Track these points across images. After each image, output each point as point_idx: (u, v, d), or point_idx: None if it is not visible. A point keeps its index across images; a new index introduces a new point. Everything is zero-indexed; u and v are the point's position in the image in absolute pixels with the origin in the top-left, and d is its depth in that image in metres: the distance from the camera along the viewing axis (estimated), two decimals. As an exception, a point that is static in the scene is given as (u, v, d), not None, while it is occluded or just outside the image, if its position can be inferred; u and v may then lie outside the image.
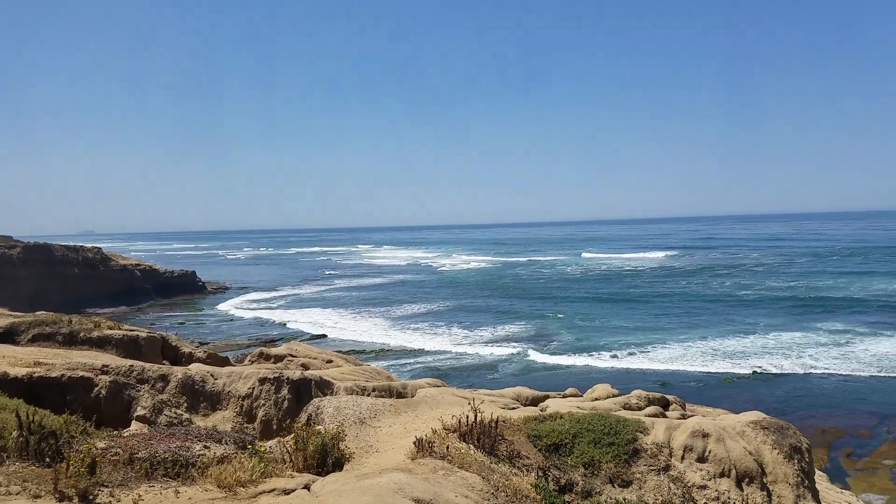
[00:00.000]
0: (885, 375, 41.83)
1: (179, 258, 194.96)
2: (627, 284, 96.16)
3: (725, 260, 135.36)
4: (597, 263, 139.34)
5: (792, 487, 10.63)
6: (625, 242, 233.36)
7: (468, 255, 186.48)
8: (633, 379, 42.62)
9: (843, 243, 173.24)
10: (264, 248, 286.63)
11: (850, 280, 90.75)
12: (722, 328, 58.67)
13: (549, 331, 60.72)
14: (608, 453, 10.71)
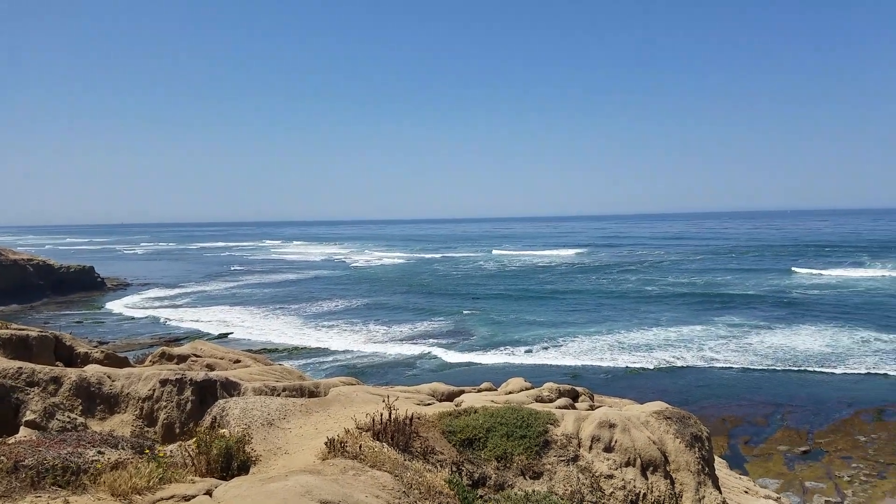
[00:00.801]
0: (779, 366, 44.82)
1: (73, 253, 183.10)
2: (540, 280, 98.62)
3: (631, 257, 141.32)
4: (511, 260, 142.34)
5: (693, 475, 11.15)
6: (537, 240, 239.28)
7: (383, 251, 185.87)
8: (546, 372, 43.72)
9: (740, 241, 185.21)
10: (165, 242, 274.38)
11: (746, 276, 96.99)
12: (628, 322, 61.16)
13: (466, 326, 61.34)
14: (520, 446, 10.87)
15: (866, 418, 34.10)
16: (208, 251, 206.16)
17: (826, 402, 37.11)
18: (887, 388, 38.90)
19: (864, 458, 29.15)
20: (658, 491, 10.70)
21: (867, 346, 48.83)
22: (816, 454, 29.80)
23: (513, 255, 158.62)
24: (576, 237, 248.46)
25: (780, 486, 26.55)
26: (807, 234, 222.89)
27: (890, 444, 30.49)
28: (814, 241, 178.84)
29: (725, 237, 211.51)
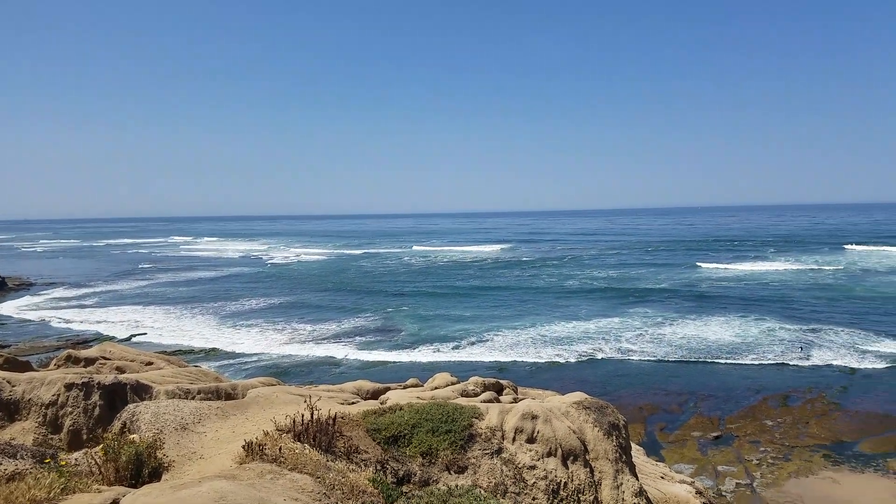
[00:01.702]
0: (692, 356, 46.89)
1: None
2: (466, 276, 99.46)
3: (552, 252, 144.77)
4: (437, 256, 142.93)
5: (611, 462, 11.43)
6: (462, 235, 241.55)
7: (303, 247, 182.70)
8: (473, 367, 44.09)
9: (653, 237, 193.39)
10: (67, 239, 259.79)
11: (659, 270, 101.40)
12: (550, 315, 62.57)
13: (392, 323, 61.03)
14: (445, 441, 10.84)
15: (773, 404, 36.16)
16: (115, 248, 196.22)
17: (736, 389, 39.13)
18: (792, 376, 41.39)
19: (771, 441, 30.89)
20: (578, 479, 10.90)
21: (773, 336, 51.83)
22: (727, 439, 31.34)
23: (438, 250, 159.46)
24: (499, 233, 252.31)
25: (694, 470, 27.75)
26: (716, 229, 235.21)
27: (794, 428, 32.45)
28: (722, 236, 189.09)
29: (640, 233, 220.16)
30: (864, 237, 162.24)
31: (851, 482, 26.15)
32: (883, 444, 29.99)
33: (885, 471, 27.05)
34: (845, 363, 43.26)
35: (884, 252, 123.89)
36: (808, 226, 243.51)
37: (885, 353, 45.08)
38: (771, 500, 24.82)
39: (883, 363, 42.88)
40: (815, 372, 41.80)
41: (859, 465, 27.71)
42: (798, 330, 53.39)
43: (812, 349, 47.06)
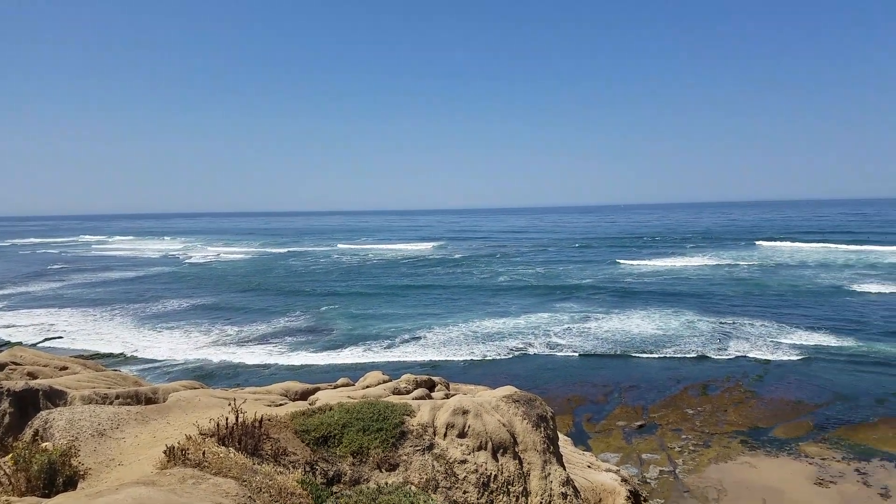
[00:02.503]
0: (617, 349, 48.37)
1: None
2: (399, 274, 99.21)
3: (483, 249, 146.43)
4: (368, 254, 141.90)
5: (539, 454, 11.62)
6: (393, 233, 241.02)
7: (226, 245, 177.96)
8: (406, 365, 44.01)
9: (578, 234, 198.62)
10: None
11: (584, 266, 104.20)
12: (482, 312, 63.23)
13: (324, 323, 60.11)
14: (376, 439, 10.75)
15: (693, 393, 37.74)
16: (24, 248, 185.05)
17: (658, 379, 40.62)
18: (710, 366, 43.30)
19: (692, 429, 32.23)
20: (508, 472, 11.03)
21: (692, 328, 54.10)
22: (651, 428, 32.49)
23: (370, 248, 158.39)
24: (431, 231, 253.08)
25: (619, 459, 28.62)
26: (637, 226, 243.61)
27: (713, 416, 33.96)
28: (644, 233, 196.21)
29: (566, 230, 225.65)
30: (777, 233, 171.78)
31: (767, 466, 27.61)
32: (795, 429, 31.80)
33: (798, 454, 28.68)
34: (760, 353, 45.61)
35: (794, 247, 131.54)
36: (724, 222, 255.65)
37: (798, 344, 47.82)
38: (692, 485, 25.88)
39: (795, 352, 45.46)
40: (733, 362, 43.89)
41: (774, 450, 29.28)
42: (716, 322, 55.94)
43: (729, 340, 49.39)
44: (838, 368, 41.43)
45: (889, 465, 27.10)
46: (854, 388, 37.52)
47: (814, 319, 56.01)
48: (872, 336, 49.35)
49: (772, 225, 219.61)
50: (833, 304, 63.11)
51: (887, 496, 24.29)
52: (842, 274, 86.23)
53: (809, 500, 24.21)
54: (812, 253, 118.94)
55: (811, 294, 69.43)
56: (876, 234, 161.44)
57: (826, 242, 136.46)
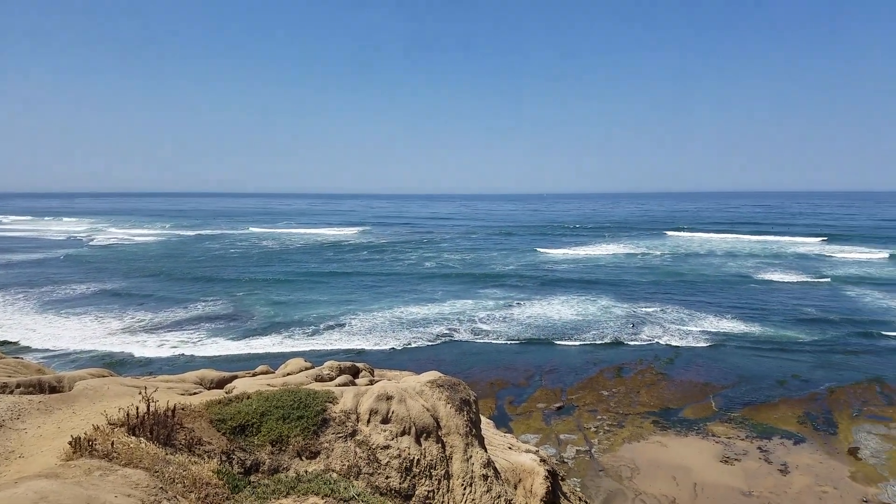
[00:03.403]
0: (538, 334, 49.50)
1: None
2: (322, 259, 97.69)
3: (409, 236, 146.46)
4: (291, 238, 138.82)
5: (462, 437, 11.72)
6: (316, 217, 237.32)
7: (134, 227, 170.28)
8: (331, 352, 43.50)
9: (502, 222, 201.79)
10: None
11: (508, 254, 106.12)
12: (408, 298, 63.23)
13: (243, 308, 58.43)
14: (297, 427, 10.54)
15: (608, 376, 39.13)
16: None
17: (576, 363, 41.90)
18: (625, 350, 45.01)
19: (607, 410, 33.44)
20: (431, 455, 11.07)
21: (609, 313, 56.03)
22: (569, 409, 33.50)
23: (291, 232, 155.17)
24: (355, 216, 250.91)
25: (539, 439, 29.38)
26: (559, 215, 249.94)
27: (627, 397, 35.34)
28: (564, 221, 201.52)
29: (491, 218, 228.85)
30: (688, 224, 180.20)
31: (677, 445, 29.00)
32: (703, 409, 33.53)
33: (706, 433, 30.28)
34: (671, 338, 47.76)
35: (704, 237, 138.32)
36: (639, 213, 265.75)
37: (706, 329, 50.38)
38: (607, 464, 26.88)
39: (704, 337, 47.87)
40: (646, 346, 45.78)
41: (683, 430, 30.79)
42: (630, 308, 58.17)
43: (643, 325, 51.47)
44: (743, 352, 43.96)
45: (788, 443, 29.02)
46: (757, 370, 39.92)
47: (721, 306, 59.16)
48: (775, 322, 52.61)
49: (683, 216, 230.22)
50: (739, 292, 66.83)
51: (786, 472, 26.03)
52: (747, 263, 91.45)
53: (716, 477, 25.63)
54: (720, 243, 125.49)
55: (719, 282, 73.26)
56: (778, 225, 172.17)
57: (733, 233, 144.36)
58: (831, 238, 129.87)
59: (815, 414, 32.50)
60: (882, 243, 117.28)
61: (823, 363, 41.26)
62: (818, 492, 24.26)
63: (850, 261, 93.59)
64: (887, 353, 43.31)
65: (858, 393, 35.47)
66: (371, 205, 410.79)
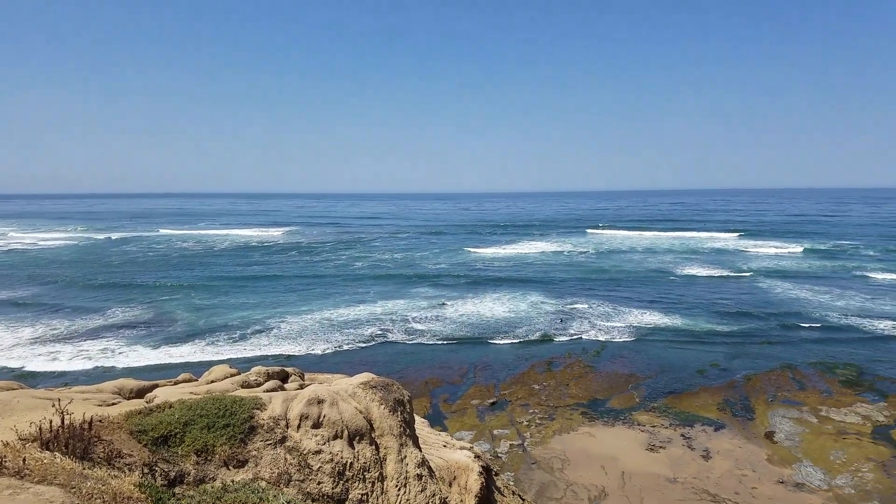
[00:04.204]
0: (472, 331, 49.90)
1: None
2: (248, 261, 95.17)
3: (338, 236, 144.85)
4: (215, 239, 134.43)
5: (396, 438, 11.65)
6: (238, 218, 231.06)
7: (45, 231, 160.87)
8: (258, 357, 42.42)
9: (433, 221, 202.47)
10: None
11: (440, 252, 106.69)
12: (339, 299, 62.47)
13: (165, 314, 56.20)
14: (223, 436, 10.20)
15: (539, 370, 39.90)
16: None
17: (509, 358, 42.53)
18: (555, 344, 46.01)
19: (539, 403, 34.08)
20: (364, 458, 10.95)
21: (538, 309, 57.14)
22: (502, 404, 33.95)
23: (214, 234, 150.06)
24: (282, 216, 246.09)
25: (473, 436, 29.63)
26: (488, 214, 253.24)
27: (557, 390, 36.12)
28: (493, 220, 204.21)
29: (422, 217, 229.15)
30: (610, 221, 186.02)
31: (605, 435, 29.86)
32: (628, 399, 34.67)
33: (632, 423, 31.30)
34: (598, 331, 49.16)
35: (624, 235, 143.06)
36: (564, 211, 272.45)
37: (631, 322, 52.12)
38: (539, 457, 27.39)
39: (628, 330, 49.49)
40: (574, 340, 46.95)
41: (611, 420, 31.74)
42: (559, 304, 59.51)
43: (571, 320, 52.76)
44: (665, 344, 45.73)
45: (709, 430, 30.38)
46: (679, 361, 41.61)
47: (644, 300, 61.37)
48: (694, 314, 54.98)
49: (605, 214, 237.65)
50: (660, 286, 69.48)
51: (708, 457, 27.24)
52: (666, 258, 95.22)
53: (642, 465, 26.53)
54: (641, 239, 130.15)
55: (641, 277, 76.00)
56: (695, 221, 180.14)
57: (652, 230, 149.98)
58: (746, 233, 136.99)
59: (734, 401, 34.16)
60: (793, 238, 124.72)
61: (740, 352, 43.42)
62: (738, 475, 25.50)
63: (763, 255, 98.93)
64: (799, 342, 46.00)
65: (773, 379, 37.52)
66: (297, 204, 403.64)
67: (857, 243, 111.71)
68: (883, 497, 23.58)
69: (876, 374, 37.93)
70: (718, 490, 24.26)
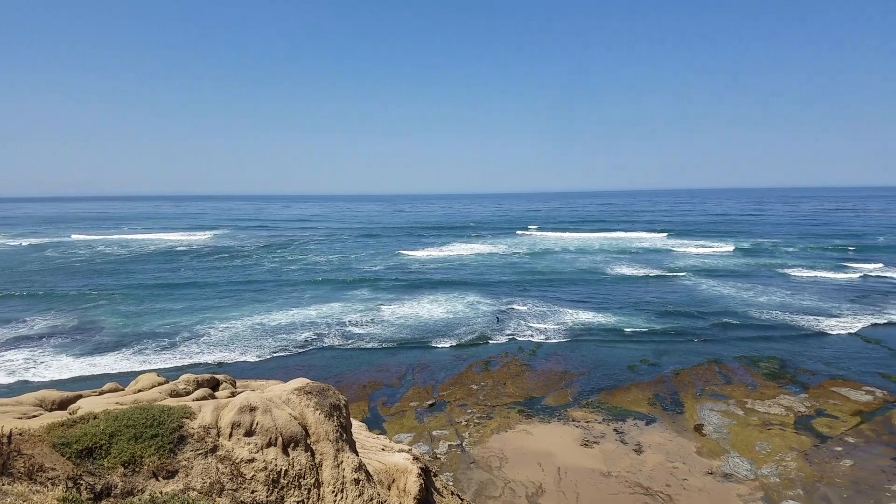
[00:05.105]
0: (410, 333, 49.83)
1: None
2: (176, 265, 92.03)
3: (272, 238, 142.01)
4: (144, 244, 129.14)
5: (332, 443, 11.53)
6: (163, 221, 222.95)
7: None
8: (188, 365, 41.12)
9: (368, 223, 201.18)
10: None
11: (375, 254, 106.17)
12: (272, 304, 61.20)
13: (90, 321, 53.70)
14: (151, 446, 9.87)
15: (477, 370, 40.25)
16: None
17: (447, 359, 42.71)
18: (492, 345, 46.49)
19: (477, 403, 34.37)
20: (299, 465, 10.80)
21: (476, 310, 57.64)
22: (441, 405, 34.06)
23: (139, 238, 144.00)
24: (208, 218, 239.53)
25: (412, 438, 29.61)
26: (423, 215, 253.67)
27: (495, 389, 36.52)
28: (428, 222, 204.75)
29: (356, 219, 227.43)
30: (543, 222, 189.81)
31: (541, 432, 30.39)
32: (563, 396, 35.40)
33: (567, 419, 31.97)
34: (533, 330, 50.00)
35: (557, 236, 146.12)
36: (500, 212, 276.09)
37: (565, 321, 53.27)
38: (478, 456, 27.63)
39: (562, 328, 50.56)
40: (511, 339, 47.58)
41: (546, 417, 32.33)
42: (496, 304, 60.22)
43: (508, 320, 53.48)
44: (598, 341, 46.95)
45: (641, 424, 31.36)
46: (611, 357, 42.80)
47: (577, 299, 62.87)
48: (625, 312, 56.67)
49: (538, 215, 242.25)
50: (592, 286, 71.33)
51: (640, 451, 28.12)
52: (597, 258, 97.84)
53: (577, 460, 27.15)
54: (573, 240, 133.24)
55: (574, 277, 77.80)
56: (624, 222, 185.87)
57: (584, 232, 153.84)
58: (672, 233, 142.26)
59: (664, 395, 35.40)
60: (717, 237, 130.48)
61: (669, 348, 45.03)
62: (669, 468, 26.43)
63: (689, 254, 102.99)
64: (724, 337, 48.09)
65: (700, 374, 39.09)
66: (226, 207, 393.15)
67: (777, 241, 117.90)
68: (805, 485, 24.92)
69: (797, 367, 40.08)
70: (651, 483, 25.08)
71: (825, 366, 40.17)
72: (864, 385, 36.29)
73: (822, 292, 65.36)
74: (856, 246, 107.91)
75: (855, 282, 72.38)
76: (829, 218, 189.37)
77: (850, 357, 42.07)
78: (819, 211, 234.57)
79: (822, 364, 40.54)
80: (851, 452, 27.60)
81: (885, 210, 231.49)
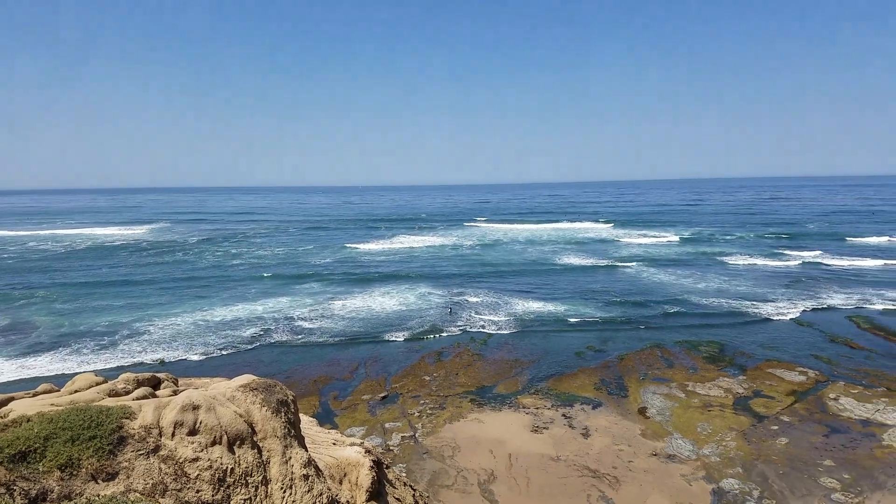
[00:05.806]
0: (362, 326, 49.42)
1: None
2: (113, 261, 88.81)
3: (215, 232, 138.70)
4: (80, 239, 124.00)
5: (280, 439, 11.27)
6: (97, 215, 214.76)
7: None
8: (128, 365, 39.74)
9: (316, 216, 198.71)
10: None
11: (324, 247, 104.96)
12: (215, 299, 59.74)
13: (22, 321, 51.29)
14: (89, 448, 9.44)
15: (429, 361, 40.25)
16: None
17: (399, 351, 42.57)
18: (444, 336, 46.50)
19: (429, 394, 34.38)
20: (246, 462, 10.52)
21: (427, 302, 57.60)
22: (393, 398, 33.92)
23: (74, 233, 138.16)
24: (146, 212, 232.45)
25: (365, 431, 29.39)
26: (373, 208, 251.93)
27: (447, 380, 36.60)
28: (379, 214, 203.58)
29: (304, 212, 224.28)
30: (492, 214, 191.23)
31: (492, 420, 30.62)
32: (513, 384, 35.74)
33: (517, 406, 32.30)
34: (485, 320, 50.32)
35: (507, 227, 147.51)
36: (449, 204, 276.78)
37: (515, 310, 53.82)
38: (431, 446, 27.64)
39: (513, 317, 51.04)
40: (462, 330, 47.74)
41: (498, 405, 32.60)
42: (447, 296, 60.33)
43: (460, 311, 53.64)
44: (546, 330, 47.60)
45: (588, 408, 31.94)
46: (558, 345, 43.45)
47: (526, 289, 63.61)
48: (572, 301, 57.64)
49: (487, 207, 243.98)
50: (541, 276, 72.28)
51: (588, 435, 28.64)
52: (546, 248, 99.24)
53: (527, 446, 27.47)
54: (522, 231, 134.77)
55: (523, 268, 78.69)
56: (570, 213, 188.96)
57: (532, 223, 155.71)
58: (617, 223, 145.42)
59: (609, 380, 36.15)
60: (660, 226, 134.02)
61: (614, 335, 46.01)
62: (615, 450, 27.02)
63: (633, 243, 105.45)
64: (667, 323, 49.44)
65: (643, 358, 40.08)
66: (164, 200, 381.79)
67: (715, 230, 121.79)
68: (744, 462, 25.85)
69: (736, 350, 41.52)
70: (598, 465, 25.59)
71: (762, 349, 41.76)
72: (797, 366, 37.88)
73: (758, 279, 67.97)
74: (789, 234, 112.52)
75: (791, 268, 75.52)
76: (765, 207, 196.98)
77: (784, 340, 43.86)
78: (756, 200, 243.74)
79: (758, 347, 42.13)
80: (786, 431, 28.78)
81: (815, 199, 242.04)
